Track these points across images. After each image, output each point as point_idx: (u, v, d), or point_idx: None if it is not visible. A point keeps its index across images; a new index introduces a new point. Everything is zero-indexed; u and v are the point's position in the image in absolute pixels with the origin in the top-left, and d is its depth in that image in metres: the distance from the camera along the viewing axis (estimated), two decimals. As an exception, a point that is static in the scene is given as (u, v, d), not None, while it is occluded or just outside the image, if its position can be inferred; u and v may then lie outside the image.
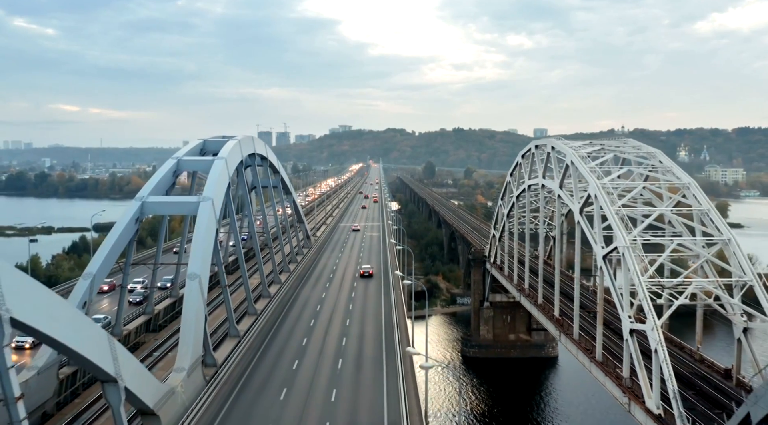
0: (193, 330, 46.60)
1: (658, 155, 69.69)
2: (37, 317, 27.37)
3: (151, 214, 59.62)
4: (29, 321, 26.76)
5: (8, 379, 25.86)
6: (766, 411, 34.08)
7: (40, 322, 27.53)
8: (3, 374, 25.75)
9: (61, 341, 28.94)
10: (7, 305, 25.45)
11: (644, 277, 52.66)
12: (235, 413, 44.09)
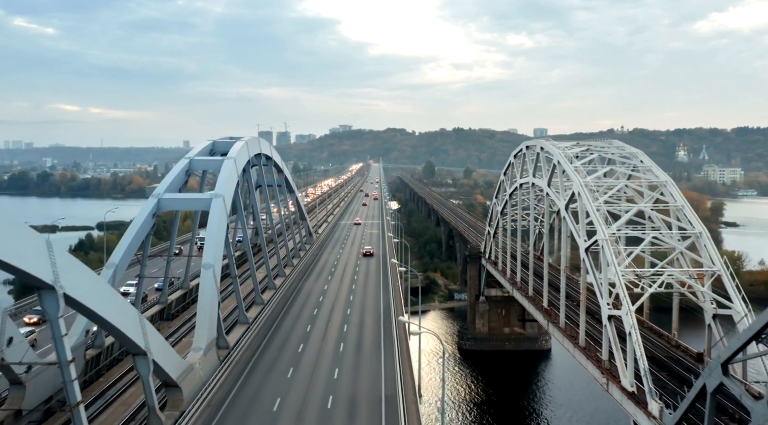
0: (208, 314, 51.36)
1: (639, 155, 74.33)
2: (85, 294, 32.09)
3: (167, 209, 64.17)
4: (79, 298, 31.49)
5: (62, 345, 30.60)
6: (718, 381, 38.80)
7: (88, 299, 32.25)
8: (58, 341, 30.49)
9: (103, 316, 33.70)
10: (61, 282, 30.17)
11: (621, 267, 57.37)
12: (247, 388, 48.84)
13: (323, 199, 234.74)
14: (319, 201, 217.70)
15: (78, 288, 31.38)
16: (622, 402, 55.07)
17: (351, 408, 44.86)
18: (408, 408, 43.85)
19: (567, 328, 72.08)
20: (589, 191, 65.85)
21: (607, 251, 58.84)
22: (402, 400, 44.53)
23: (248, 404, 45.63)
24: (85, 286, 32.46)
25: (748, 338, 36.68)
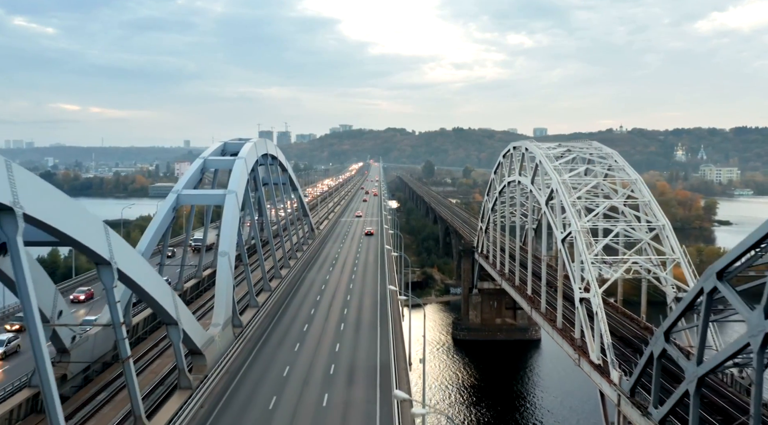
0: (224, 295, 58.53)
1: (614, 156, 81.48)
2: (133, 270, 39.21)
3: (185, 204, 71.32)
4: (128, 273, 38.58)
5: (116, 310, 37.73)
6: (662, 348, 45.91)
7: (134, 274, 39.39)
8: (112, 307, 37.62)
9: (145, 289, 40.88)
10: (115, 259, 37.25)
11: (591, 256, 64.49)
12: (260, 359, 55.97)
13: (324, 197, 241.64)
14: (320, 199, 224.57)
15: (127, 265, 38.47)
16: (590, 374, 62.20)
17: (350, 373, 51.99)
18: (399, 373, 50.97)
19: (547, 313, 79.24)
20: (566, 188, 72.96)
21: (579, 241, 65.97)
22: (394, 367, 51.62)
23: (261, 371, 52.78)
24: (133, 263, 39.56)
25: (682, 310, 43.85)
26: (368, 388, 48.17)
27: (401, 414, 40.91)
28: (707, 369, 40.02)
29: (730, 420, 46.34)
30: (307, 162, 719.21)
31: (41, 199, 30.41)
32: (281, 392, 47.91)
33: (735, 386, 52.50)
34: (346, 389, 48.50)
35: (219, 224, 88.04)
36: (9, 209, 28.24)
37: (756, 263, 36.19)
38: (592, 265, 64.01)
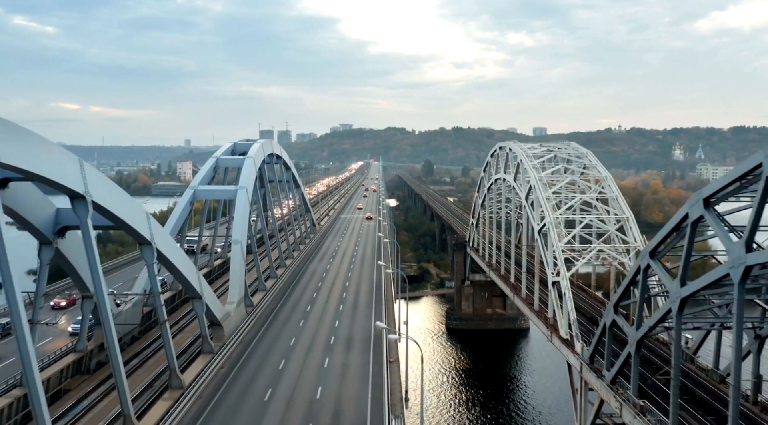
0: (238, 277, 66.91)
1: (588, 155, 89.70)
2: (168, 251, 47.56)
3: (201, 198, 79.69)
4: (165, 252, 46.91)
5: (155, 282, 46.11)
6: (612, 318, 54.19)
7: (169, 254, 47.71)
8: (152, 278, 45.99)
9: (177, 266, 49.24)
10: (155, 240, 45.57)
11: (561, 244, 72.79)
12: (269, 333, 64.31)
13: (325, 195, 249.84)
14: (321, 197, 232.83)
15: (164, 246, 46.79)
16: (560, 348, 70.46)
17: (348, 343, 60.35)
18: (389, 343, 59.30)
19: (527, 297, 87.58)
20: (543, 184, 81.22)
21: (551, 231, 74.26)
22: (385, 337, 59.96)
23: (271, 341, 61.14)
24: (167, 245, 47.89)
25: (626, 285, 52.20)
26: (363, 353, 56.50)
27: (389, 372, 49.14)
28: (644, 332, 48.37)
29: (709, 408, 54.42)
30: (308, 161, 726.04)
31: (104, 190, 38.72)
32: (289, 357, 56.28)
33: (710, 375, 59.38)
34: (344, 354, 56.88)
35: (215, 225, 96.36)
36: (81, 197, 36.54)
37: (741, 193, 38.70)
38: (563, 252, 72.36)
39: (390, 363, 51.76)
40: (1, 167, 29.27)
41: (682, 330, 57.91)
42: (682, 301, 42.29)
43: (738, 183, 36.90)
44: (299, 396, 47.06)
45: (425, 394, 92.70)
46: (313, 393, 47.69)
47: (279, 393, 47.77)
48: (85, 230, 36.92)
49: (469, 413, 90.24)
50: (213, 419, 42.79)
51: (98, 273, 37.29)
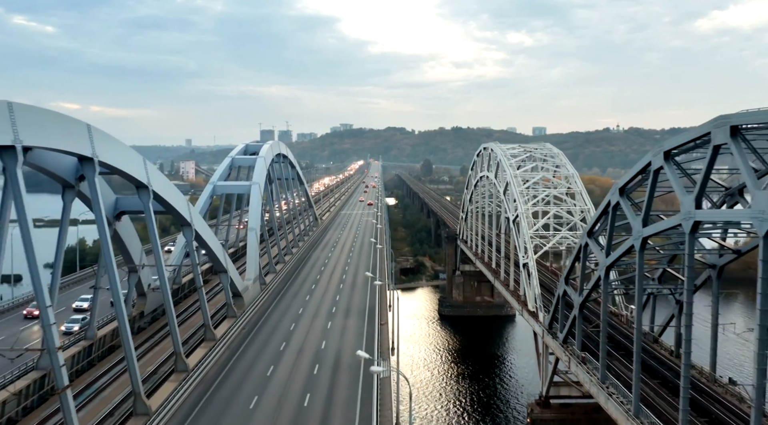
0: (254, 258, 78.99)
1: (560, 155, 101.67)
2: (203, 231, 59.56)
3: (220, 193, 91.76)
4: (201, 233, 58.91)
5: (194, 256, 58.05)
6: (563, 289, 66.01)
7: (204, 234, 59.71)
8: (191, 252, 57.94)
9: (210, 245, 61.25)
10: (194, 223, 57.51)
11: (531, 232, 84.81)
12: (280, 304, 76.35)
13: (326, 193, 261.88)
14: (322, 195, 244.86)
15: (200, 228, 58.79)
16: (528, 320, 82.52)
17: (347, 312, 72.40)
18: (381, 311, 71.34)
19: (505, 280, 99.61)
20: (517, 181, 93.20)
21: (522, 221, 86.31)
22: (377, 308, 71.98)
23: (282, 311, 73.21)
24: (203, 227, 59.88)
25: (572, 261, 64.14)
26: (359, 319, 68.59)
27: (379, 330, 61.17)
28: (584, 297, 60.29)
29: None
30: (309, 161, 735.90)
31: (160, 182, 50.66)
32: (298, 321, 68.36)
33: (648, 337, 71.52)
34: (344, 320, 68.96)
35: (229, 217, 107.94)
36: (145, 187, 48.50)
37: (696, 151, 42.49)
38: (532, 239, 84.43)
39: (381, 326, 63.72)
40: (100, 165, 41.01)
41: (619, 295, 70.41)
42: (606, 269, 54.27)
43: (693, 143, 41.35)
44: (307, 347, 59.13)
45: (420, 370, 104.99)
46: (319, 345, 59.76)
47: (291, 345, 59.79)
48: (147, 213, 48.87)
49: (458, 384, 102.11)
50: (241, 362, 54.79)
51: (158, 248, 49.19)
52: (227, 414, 43.59)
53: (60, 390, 34.31)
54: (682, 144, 41.27)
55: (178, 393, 45.52)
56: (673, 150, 42.89)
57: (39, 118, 34.52)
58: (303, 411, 44.25)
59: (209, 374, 51.42)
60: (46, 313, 33.60)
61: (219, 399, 46.15)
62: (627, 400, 49.65)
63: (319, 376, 51.42)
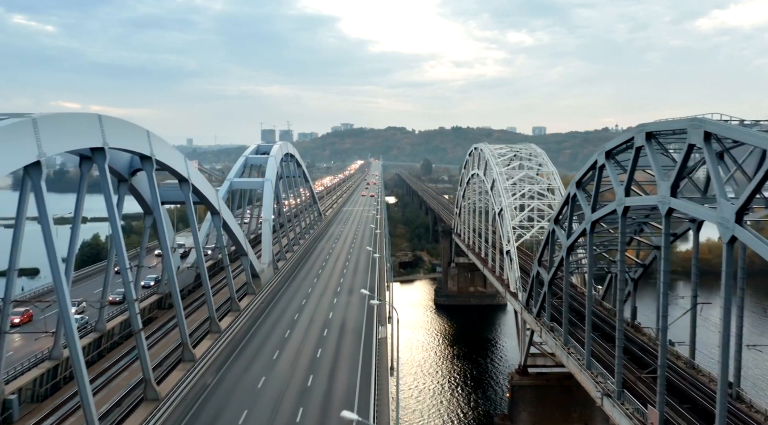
0: (268, 245, 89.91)
1: (542, 155, 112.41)
2: (229, 220, 70.39)
3: (236, 188, 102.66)
4: (227, 221, 69.71)
5: (222, 241, 68.91)
6: (536, 270, 76.74)
7: (230, 222, 70.55)
8: (219, 237, 68.77)
9: (234, 232, 72.09)
10: (222, 211, 68.34)
11: (513, 222, 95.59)
12: (292, 285, 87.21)
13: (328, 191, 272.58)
14: (325, 193, 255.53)
15: (227, 216, 69.63)
16: (510, 300, 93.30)
17: (350, 290, 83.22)
18: (380, 288, 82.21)
19: (492, 268, 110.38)
20: (502, 177, 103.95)
21: (506, 213, 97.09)
22: (377, 286, 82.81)
23: (294, 290, 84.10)
24: (228, 216, 70.67)
25: (543, 245, 74.85)
26: (361, 296, 79.37)
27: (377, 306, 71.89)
28: (551, 274, 70.94)
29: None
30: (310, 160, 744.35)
31: (197, 177, 61.40)
32: (308, 298, 79.25)
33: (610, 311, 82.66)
34: (348, 296, 79.83)
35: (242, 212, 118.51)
36: (186, 180, 59.25)
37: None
38: (514, 229, 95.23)
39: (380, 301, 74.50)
40: (157, 164, 51.69)
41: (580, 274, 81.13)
42: (567, 249, 64.98)
43: (624, 145, 51.18)
44: (317, 317, 70.04)
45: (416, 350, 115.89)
46: (327, 315, 70.66)
47: (303, 316, 70.65)
48: (188, 202, 59.64)
49: (452, 362, 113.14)
50: (262, 327, 65.63)
51: (196, 232, 59.98)
52: (256, 363, 54.42)
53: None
54: (617, 146, 52.03)
55: (214, 347, 56.30)
56: (612, 150, 53.60)
57: (115, 125, 45.10)
58: (316, 360, 55.11)
59: (237, 336, 62.25)
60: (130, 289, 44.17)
61: (246, 354, 57.00)
62: (582, 357, 60.35)
63: (328, 337, 62.31)
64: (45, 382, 47.84)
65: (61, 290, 36.40)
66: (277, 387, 48.51)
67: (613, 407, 50.99)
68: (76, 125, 39.98)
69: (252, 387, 48.62)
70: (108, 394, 47.72)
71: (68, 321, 36.69)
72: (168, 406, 43.77)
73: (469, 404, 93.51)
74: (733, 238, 34.93)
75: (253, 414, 43.39)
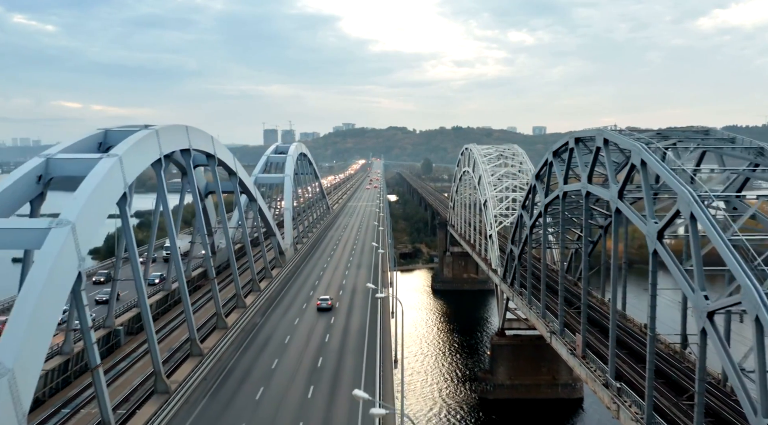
0: (289, 229, 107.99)
1: (523, 154, 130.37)
2: (263, 206, 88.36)
3: (260, 183, 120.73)
4: (262, 207, 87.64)
5: (259, 222, 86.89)
6: (510, 248, 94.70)
7: (262, 207, 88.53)
8: (257, 219, 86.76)
9: (267, 217, 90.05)
10: (258, 199, 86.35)
11: (495, 211, 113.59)
12: (308, 263, 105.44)
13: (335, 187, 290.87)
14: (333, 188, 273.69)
15: (261, 203, 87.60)
16: (492, 276, 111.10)
17: (359, 266, 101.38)
18: (384, 267, 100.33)
19: (479, 251, 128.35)
20: (487, 174, 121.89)
21: (489, 203, 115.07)
22: (379, 264, 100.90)
23: (312, 265, 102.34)
24: (262, 202, 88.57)
25: (515, 226, 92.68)
26: (368, 271, 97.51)
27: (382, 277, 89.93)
28: (519, 249, 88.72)
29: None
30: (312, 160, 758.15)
31: (242, 172, 79.33)
32: (324, 271, 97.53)
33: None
34: (357, 270, 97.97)
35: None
36: (234, 173, 77.14)
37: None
38: (495, 218, 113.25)
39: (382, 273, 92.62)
40: (215, 160, 69.46)
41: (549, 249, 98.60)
42: (530, 228, 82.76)
43: (564, 147, 66.68)
44: (333, 283, 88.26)
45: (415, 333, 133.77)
46: (341, 282, 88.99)
47: (322, 282, 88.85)
48: (236, 193, 77.64)
49: (447, 335, 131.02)
50: (290, 291, 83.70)
51: (242, 217, 77.90)
52: (290, 311, 72.48)
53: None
54: (559, 147, 69.93)
55: (256, 302, 74.21)
56: (557, 150, 71.56)
57: (194, 132, 62.96)
58: (334, 310, 73.25)
59: (271, 295, 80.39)
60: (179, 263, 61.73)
61: (282, 306, 75.08)
62: (538, 310, 78.17)
63: (344, 295, 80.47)
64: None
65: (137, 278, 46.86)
66: (308, 326, 66.65)
67: (557, 342, 68.87)
68: (175, 133, 57.89)
69: (290, 325, 66.84)
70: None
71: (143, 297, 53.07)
72: (208, 362, 60.85)
73: (459, 364, 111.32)
74: (655, 250, 43.00)
75: (293, 340, 61.47)
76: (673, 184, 41.26)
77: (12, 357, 28.55)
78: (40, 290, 31.18)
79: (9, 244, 37.32)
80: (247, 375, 51.92)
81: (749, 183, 51.35)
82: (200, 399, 46.63)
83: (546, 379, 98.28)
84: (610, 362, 52.67)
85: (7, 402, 27.75)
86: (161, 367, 46.31)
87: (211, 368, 53.02)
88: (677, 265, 40.68)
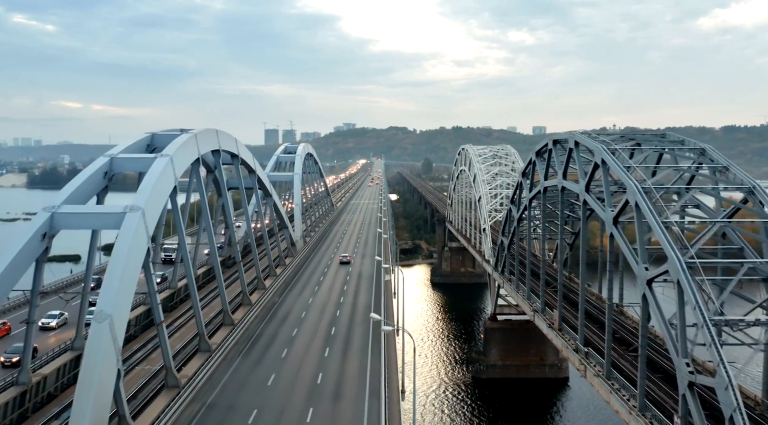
0: (299, 223, 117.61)
1: (516, 154, 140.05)
2: (277, 201, 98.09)
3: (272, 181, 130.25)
4: (277, 202, 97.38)
5: (273, 216, 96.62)
6: (501, 239, 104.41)
7: (278, 202, 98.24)
8: (274, 213, 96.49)
9: (281, 211, 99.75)
10: (273, 194, 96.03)
11: (488, 207, 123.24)
12: (318, 253, 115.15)
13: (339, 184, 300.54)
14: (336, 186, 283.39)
15: (276, 198, 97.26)
16: (485, 266, 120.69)
17: (364, 254, 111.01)
18: (385, 252, 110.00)
19: (474, 244, 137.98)
20: (481, 172, 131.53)
21: (483, 199, 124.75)
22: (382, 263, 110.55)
23: (321, 254, 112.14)
24: (276, 198, 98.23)
25: (505, 218, 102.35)
26: (371, 261, 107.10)
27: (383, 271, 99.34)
28: (509, 239, 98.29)
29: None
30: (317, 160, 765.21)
31: (260, 170, 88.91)
32: (330, 265, 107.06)
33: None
34: (362, 259, 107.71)
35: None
36: (254, 172, 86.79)
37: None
38: (489, 213, 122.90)
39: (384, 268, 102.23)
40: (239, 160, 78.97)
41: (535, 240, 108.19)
42: (518, 220, 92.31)
43: (544, 147, 76.92)
44: (341, 269, 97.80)
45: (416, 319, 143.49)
46: (348, 268, 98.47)
47: (331, 268, 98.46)
48: (255, 189, 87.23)
49: (445, 323, 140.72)
50: (304, 274, 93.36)
51: (261, 211, 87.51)
52: (303, 293, 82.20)
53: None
54: (540, 148, 79.57)
55: (274, 285, 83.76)
56: (539, 150, 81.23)
57: (222, 135, 72.49)
58: (344, 291, 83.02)
59: (287, 278, 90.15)
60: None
61: (297, 288, 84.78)
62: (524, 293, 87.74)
63: (351, 279, 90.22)
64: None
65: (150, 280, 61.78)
66: (323, 300, 76.46)
67: (539, 319, 78.47)
68: (208, 136, 67.45)
69: (304, 303, 76.65)
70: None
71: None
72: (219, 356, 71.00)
73: (456, 347, 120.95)
74: (611, 235, 52.74)
75: (309, 315, 71.25)
76: (624, 179, 50.88)
77: (111, 306, 38.33)
78: (125, 257, 40.85)
79: (93, 225, 47.13)
80: (272, 340, 61.67)
81: (695, 179, 61.05)
82: (235, 358, 56.30)
83: (534, 360, 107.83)
84: (580, 331, 62.39)
85: (108, 338, 37.49)
86: (204, 329, 56.51)
87: (241, 335, 62.72)
88: (627, 244, 50.29)
